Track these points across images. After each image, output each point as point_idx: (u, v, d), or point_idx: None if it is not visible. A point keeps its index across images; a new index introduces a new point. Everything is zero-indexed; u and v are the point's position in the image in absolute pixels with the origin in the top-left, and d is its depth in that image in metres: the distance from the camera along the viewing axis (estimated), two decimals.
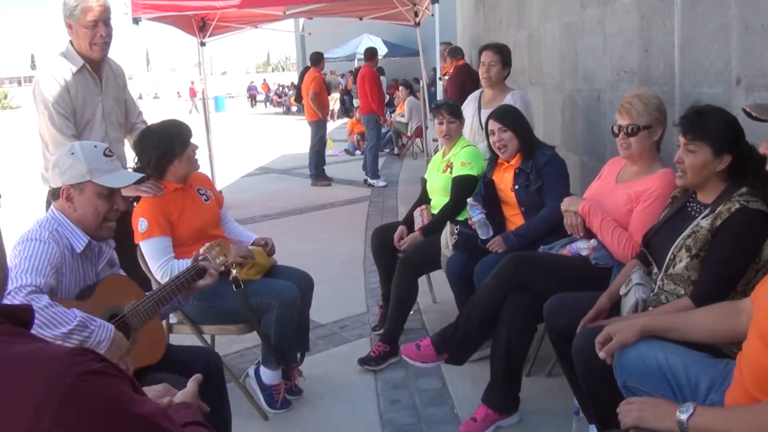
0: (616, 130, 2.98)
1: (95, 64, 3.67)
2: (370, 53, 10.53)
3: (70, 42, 3.64)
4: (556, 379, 3.37)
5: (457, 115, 4.19)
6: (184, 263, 3.11)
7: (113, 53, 3.81)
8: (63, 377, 1.04)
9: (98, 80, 3.69)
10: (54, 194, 2.44)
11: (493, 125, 3.72)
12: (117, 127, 3.81)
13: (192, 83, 35.52)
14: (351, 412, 3.41)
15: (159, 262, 3.15)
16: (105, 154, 2.44)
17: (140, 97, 4.26)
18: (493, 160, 3.89)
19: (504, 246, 3.53)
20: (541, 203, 3.57)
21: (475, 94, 4.90)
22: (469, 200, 3.71)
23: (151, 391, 1.76)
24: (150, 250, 3.18)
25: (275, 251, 3.58)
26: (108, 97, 3.74)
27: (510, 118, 3.72)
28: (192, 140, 3.35)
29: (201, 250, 2.80)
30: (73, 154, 2.39)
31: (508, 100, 4.60)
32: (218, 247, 2.83)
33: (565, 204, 3.20)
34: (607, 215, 2.99)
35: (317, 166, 10.47)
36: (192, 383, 1.69)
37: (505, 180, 3.75)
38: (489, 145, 3.84)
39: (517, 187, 3.65)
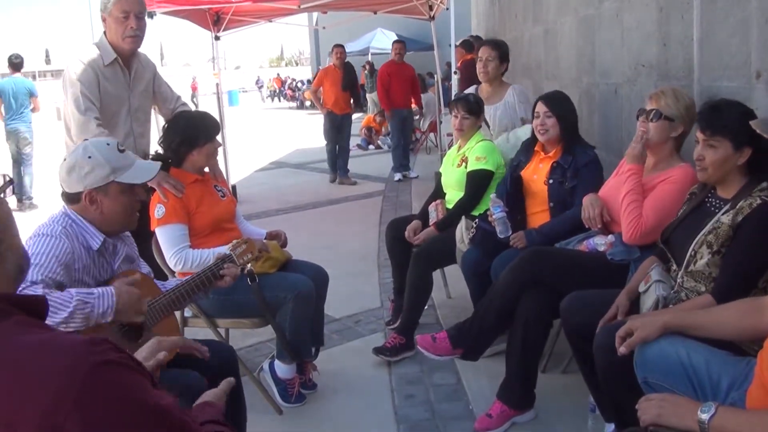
0: (640, 117, 2.96)
1: (126, 59, 3.71)
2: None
3: (104, 34, 3.68)
4: (572, 376, 3.35)
5: (474, 112, 4.15)
6: (199, 253, 3.12)
7: None
8: (79, 367, 1.04)
9: (128, 75, 3.73)
10: (71, 198, 2.40)
11: (540, 108, 3.64)
12: (143, 122, 3.86)
13: (194, 78, 35.31)
14: (365, 406, 3.41)
15: (173, 249, 3.15)
16: (119, 150, 2.42)
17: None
18: (530, 149, 3.82)
19: (525, 242, 3.48)
20: (571, 202, 3.49)
21: (471, 89, 4.91)
22: (492, 196, 3.65)
23: (142, 351, 1.78)
24: (165, 236, 3.18)
25: (287, 244, 3.58)
26: (135, 92, 3.78)
27: (558, 105, 3.63)
28: (218, 138, 3.37)
29: (227, 248, 2.79)
30: (90, 157, 2.34)
31: (509, 94, 4.67)
32: (245, 244, 2.80)
33: (588, 199, 3.14)
34: (641, 191, 2.92)
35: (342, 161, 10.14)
36: (225, 385, 1.68)
37: (539, 171, 3.67)
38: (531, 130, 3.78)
39: (551, 181, 3.57)
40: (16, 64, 9.21)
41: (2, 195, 1.26)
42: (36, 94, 9.34)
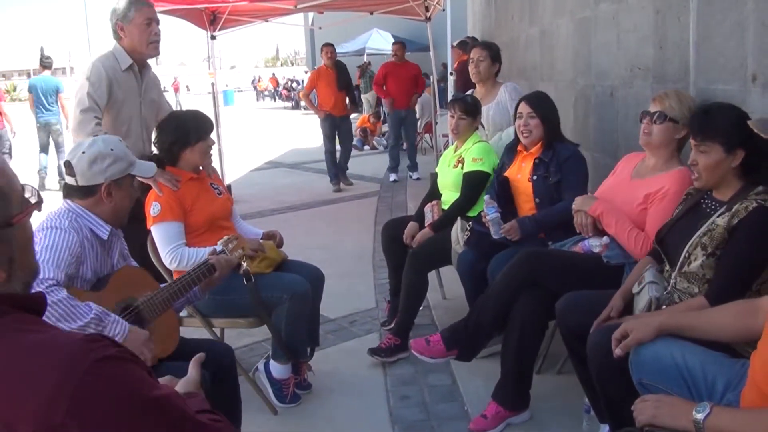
0: (644, 119, 2.97)
1: (140, 66, 3.83)
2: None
3: (118, 42, 3.77)
4: (567, 377, 3.35)
5: (470, 113, 4.16)
6: (195, 251, 3.13)
7: None
8: (78, 365, 1.04)
9: (141, 82, 3.83)
10: (86, 191, 2.43)
11: (524, 108, 3.67)
12: (151, 130, 3.92)
13: (176, 78, 35.10)
14: (360, 407, 3.41)
15: (169, 247, 3.15)
16: (128, 147, 2.55)
17: None
18: (512, 150, 3.84)
19: (519, 232, 3.49)
20: (558, 197, 3.53)
21: (468, 93, 4.94)
22: (486, 197, 3.66)
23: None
24: (161, 234, 3.18)
25: (283, 244, 3.59)
26: (146, 100, 3.89)
27: (542, 105, 3.68)
28: (211, 136, 3.40)
29: (218, 243, 2.80)
30: (112, 150, 2.43)
31: (502, 92, 4.71)
32: (235, 240, 2.84)
33: (577, 203, 3.16)
34: (622, 215, 2.96)
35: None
36: (193, 369, 1.63)
37: (523, 170, 3.70)
38: (514, 131, 3.81)
39: (535, 177, 3.60)
40: (46, 64, 10.28)
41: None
42: (62, 90, 10.18)
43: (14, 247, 1.16)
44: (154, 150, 3.41)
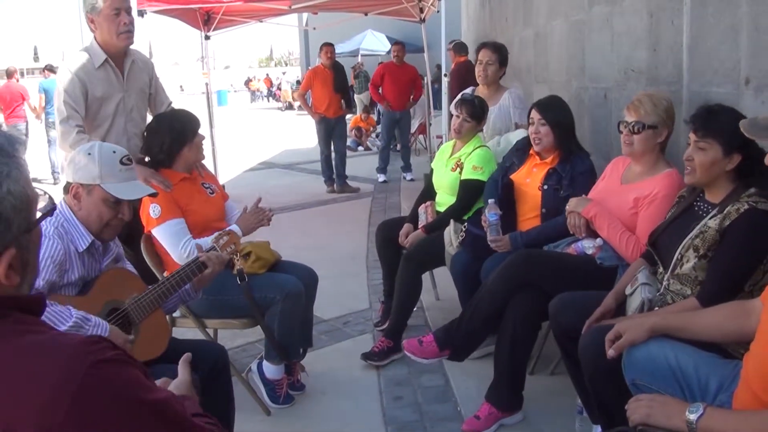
0: (621, 127, 2.98)
1: (118, 59, 3.72)
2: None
3: (94, 38, 3.69)
4: (560, 378, 3.36)
5: (476, 116, 4.12)
6: (203, 242, 3.10)
7: None
8: (77, 367, 1.04)
9: (120, 75, 3.73)
10: (65, 186, 2.48)
11: (534, 115, 3.59)
12: (138, 122, 3.83)
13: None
14: (353, 408, 3.41)
15: (181, 242, 3.14)
16: (122, 162, 2.47)
17: None
18: (524, 152, 3.78)
19: (510, 247, 3.45)
20: (563, 209, 3.40)
21: (467, 91, 4.90)
22: (491, 201, 3.55)
23: None
24: (168, 233, 3.17)
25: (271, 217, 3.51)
26: (131, 93, 3.78)
27: (552, 112, 3.58)
28: (204, 135, 3.43)
29: (209, 240, 2.80)
30: (89, 154, 2.42)
31: (506, 98, 4.66)
32: (227, 236, 2.83)
33: (571, 205, 3.17)
34: (614, 219, 2.97)
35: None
36: (183, 370, 1.61)
37: (533, 176, 3.63)
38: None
39: (546, 187, 3.53)
40: (52, 68, 11.50)
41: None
42: None
43: (31, 251, 1.18)
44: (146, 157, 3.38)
